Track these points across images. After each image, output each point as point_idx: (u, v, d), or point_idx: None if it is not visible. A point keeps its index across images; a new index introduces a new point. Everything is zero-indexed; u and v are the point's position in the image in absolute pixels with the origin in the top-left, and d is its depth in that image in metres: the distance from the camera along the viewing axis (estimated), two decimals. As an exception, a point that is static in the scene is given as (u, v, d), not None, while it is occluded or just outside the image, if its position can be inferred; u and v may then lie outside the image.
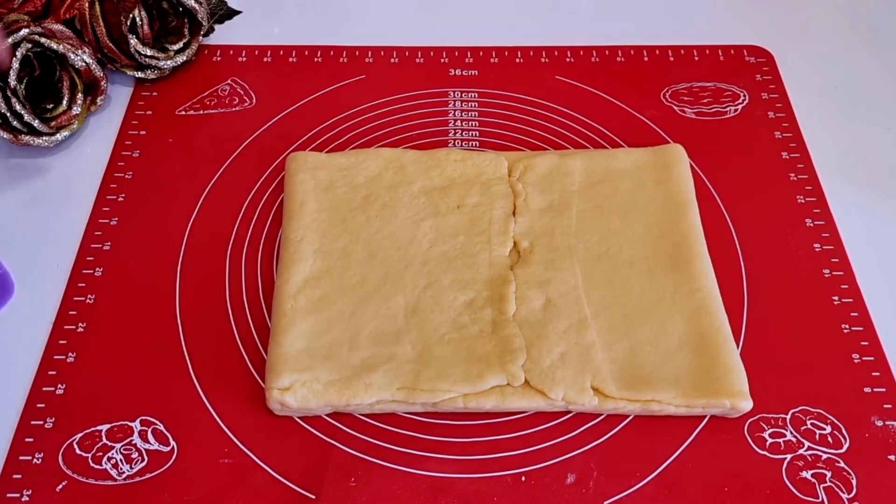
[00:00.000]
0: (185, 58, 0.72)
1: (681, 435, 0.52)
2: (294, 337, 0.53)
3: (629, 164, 0.63)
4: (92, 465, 0.51)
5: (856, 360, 0.55)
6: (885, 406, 0.53)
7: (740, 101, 0.71)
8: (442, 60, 0.75)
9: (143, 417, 0.53)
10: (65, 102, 0.67)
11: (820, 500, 0.49)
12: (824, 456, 0.51)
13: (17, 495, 0.49)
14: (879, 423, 0.52)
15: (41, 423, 0.52)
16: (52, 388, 0.54)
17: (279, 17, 0.80)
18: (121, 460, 0.51)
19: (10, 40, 0.62)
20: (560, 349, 0.53)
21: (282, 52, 0.75)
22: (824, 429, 0.52)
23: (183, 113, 0.70)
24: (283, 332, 0.54)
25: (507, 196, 0.61)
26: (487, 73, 0.73)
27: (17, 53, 0.63)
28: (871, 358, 0.55)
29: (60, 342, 0.56)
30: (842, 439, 0.52)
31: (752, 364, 0.54)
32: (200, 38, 0.74)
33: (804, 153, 0.67)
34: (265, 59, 0.75)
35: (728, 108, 0.71)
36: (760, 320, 0.57)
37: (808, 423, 0.52)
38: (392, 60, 0.75)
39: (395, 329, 0.54)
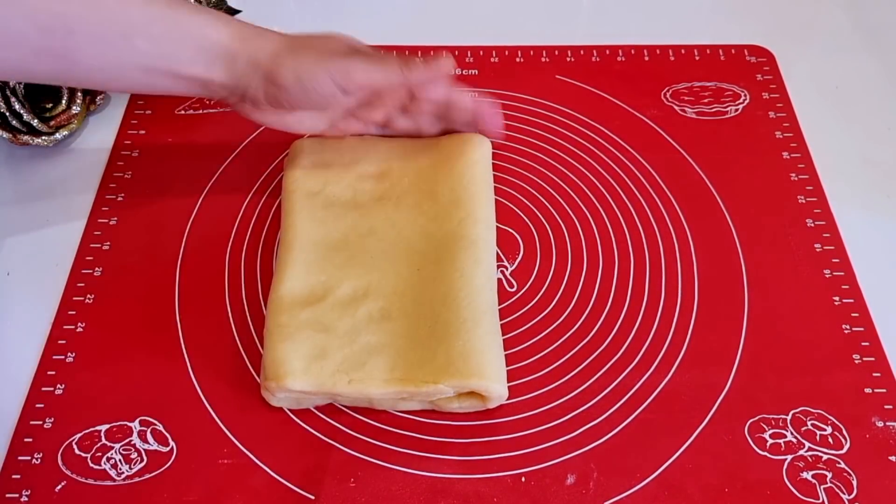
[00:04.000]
0: (184, 57, 0.72)
1: (681, 435, 0.52)
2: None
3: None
4: (91, 465, 0.51)
5: (856, 361, 0.55)
6: (886, 407, 0.53)
7: (741, 100, 0.71)
8: (442, 60, 0.74)
9: (143, 417, 0.52)
10: (64, 102, 0.66)
11: (820, 500, 0.49)
12: (825, 457, 0.51)
13: (17, 495, 0.49)
14: (880, 424, 0.52)
15: (40, 423, 0.52)
16: (52, 388, 0.54)
17: (279, 16, 0.79)
18: (120, 460, 0.51)
19: None
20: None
21: (282, 52, 0.75)
22: (825, 429, 0.52)
23: (182, 112, 0.70)
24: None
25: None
26: (488, 72, 0.73)
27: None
28: (872, 359, 0.55)
29: (60, 342, 0.56)
30: (842, 440, 0.51)
31: (752, 364, 0.55)
32: (200, 37, 0.73)
33: (805, 153, 0.67)
34: (265, 59, 0.75)
35: (729, 108, 0.70)
36: (761, 320, 0.57)
37: (809, 423, 0.52)
38: (392, 60, 0.75)
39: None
